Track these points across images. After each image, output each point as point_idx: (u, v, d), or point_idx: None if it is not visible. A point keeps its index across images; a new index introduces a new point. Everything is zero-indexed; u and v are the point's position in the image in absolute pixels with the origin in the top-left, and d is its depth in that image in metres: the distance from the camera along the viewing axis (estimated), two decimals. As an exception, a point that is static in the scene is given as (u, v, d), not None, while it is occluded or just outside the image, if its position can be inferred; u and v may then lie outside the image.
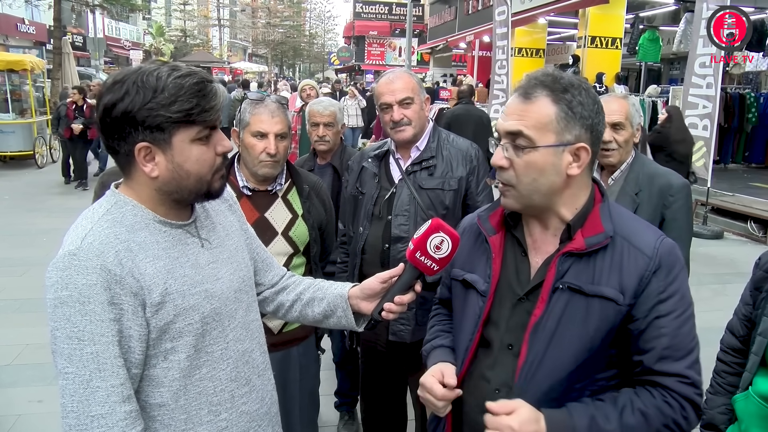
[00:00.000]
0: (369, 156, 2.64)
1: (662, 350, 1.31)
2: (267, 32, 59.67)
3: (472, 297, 1.48)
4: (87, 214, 1.30)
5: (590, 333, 1.32)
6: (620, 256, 1.34)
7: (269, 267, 1.68)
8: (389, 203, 2.51)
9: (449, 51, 26.57)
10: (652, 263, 1.32)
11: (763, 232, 7.91)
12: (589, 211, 1.39)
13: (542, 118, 1.32)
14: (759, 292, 1.81)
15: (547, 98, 1.32)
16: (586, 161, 1.35)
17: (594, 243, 1.34)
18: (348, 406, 3.60)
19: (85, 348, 1.16)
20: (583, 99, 1.34)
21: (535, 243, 1.43)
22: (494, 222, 1.49)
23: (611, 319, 1.32)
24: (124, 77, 1.24)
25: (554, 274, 1.34)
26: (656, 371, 1.32)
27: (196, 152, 1.28)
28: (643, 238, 1.36)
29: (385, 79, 2.52)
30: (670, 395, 1.31)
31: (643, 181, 2.49)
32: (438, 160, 2.51)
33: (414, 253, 1.40)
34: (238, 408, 1.41)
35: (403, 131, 2.46)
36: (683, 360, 1.32)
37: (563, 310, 1.33)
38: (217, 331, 1.36)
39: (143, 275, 1.23)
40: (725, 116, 11.12)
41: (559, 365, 1.33)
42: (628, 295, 1.31)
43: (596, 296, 1.32)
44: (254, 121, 2.22)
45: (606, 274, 1.33)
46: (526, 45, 16.47)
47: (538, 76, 1.36)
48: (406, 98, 2.44)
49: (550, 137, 1.32)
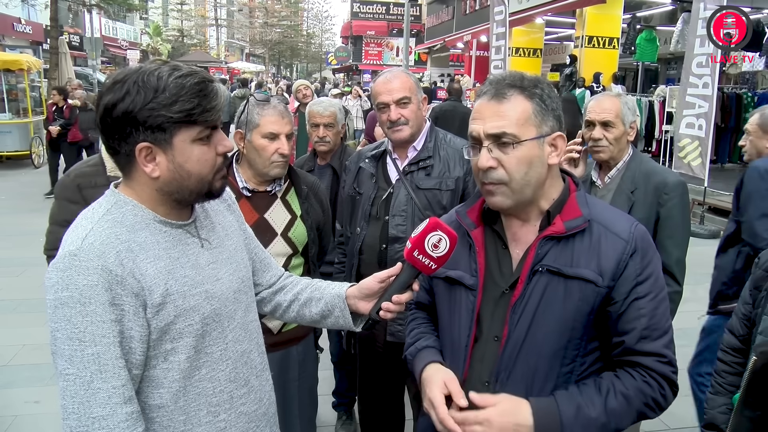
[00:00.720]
0: (366, 156, 2.64)
1: (642, 330, 1.37)
2: (264, 32, 59.63)
3: (460, 293, 1.49)
4: (87, 214, 1.29)
5: (570, 314, 1.37)
6: (598, 241, 1.39)
7: (267, 267, 1.68)
8: (386, 203, 2.51)
9: (447, 51, 26.59)
10: (629, 246, 1.38)
11: (760, 232, 7.91)
12: (566, 198, 1.46)
13: (521, 114, 1.38)
14: (759, 291, 1.81)
15: (520, 95, 1.39)
16: (563, 148, 1.44)
17: (573, 226, 1.40)
18: (346, 406, 3.60)
19: (86, 349, 1.16)
20: (550, 92, 1.43)
21: (514, 236, 1.48)
22: (473, 217, 1.53)
23: (590, 301, 1.37)
24: (125, 77, 1.23)
25: (533, 257, 1.39)
26: (636, 350, 1.37)
27: (197, 152, 1.28)
28: (619, 224, 1.42)
29: (382, 79, 2.52)
30: (648, 375, 1.37)
31: (639, 179, 2.49)
32: (435, 160, 2.51)
33: (412, 252, 1.40)
34: (236, 409, 1.41)
35: (400, 131, 2.46)
36: (660, 339, 1.39)
37: (543, 292, 1.37)
38: (217, 331, 1.36)
39: (144, 276, 1.22)
40: (722, 116, 11.14)
41: (541, 347, 1.37)
42: (606, 278, 1.36)
43: (575, 278, 1.37)
44: (265, 123, 2.22)
45: (585, 257, 1.38)
46: (523, 45, 16.50)
47: (505, 77, 1.43)
48: (403, 98, 2.44)
49: (531, 131, 1.39)
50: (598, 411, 1.32)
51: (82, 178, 2.57)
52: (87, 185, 2.54)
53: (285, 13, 60.39)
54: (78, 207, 2.56)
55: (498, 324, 1.43)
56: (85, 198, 2.51)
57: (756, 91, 12.43)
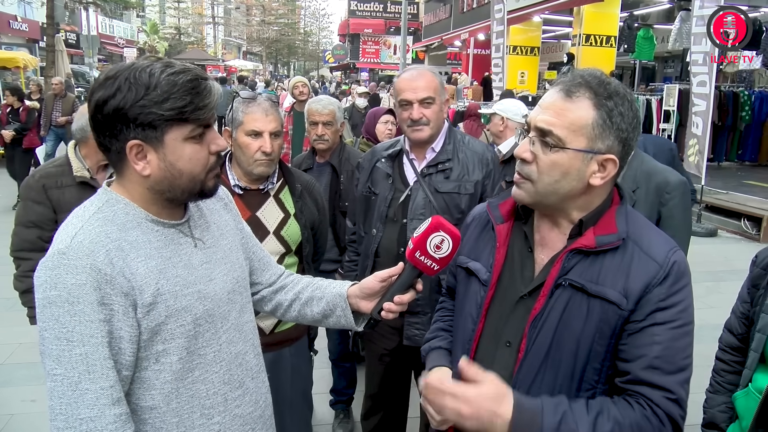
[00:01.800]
0: (382, 156, 2.58)
1: (653, 359, 1.24)
2: (261, 30, 59.52)
3: (474, 286, 1.46)
4: (78, 212, 1.27)
5: (590, 335, 1.28)
6: (630, 261, 1.29)
7: (267, 266, 1.66)
8: (404, 206, 2.46)
9: (444, 49, 26.58)
10: (661, 271, 1.27)
11: (757, 230, 7.93)
12: (605, 210, 1.35)
13: (578, 120, 1.27)
14: (756, 289, 1.81)
15: (588, 101, 1.27)
16: (612, 174, 1.30)
17: (605, 242, 1.29)
18: (343, 404, 3.59)
19: (74, 349, 1.14)
20: (624, 110, 1.28)
21: (542, 240, 1.40)
22: (504, 210, 1.46)
23: (612, 323, 1.27)
24: (117, 73, 1.21)
25: (559, 269, 1.31)
26: (643, 381, 1.24)
27: (189, 151, 1.25)
28: (656, 246, 1.31)
29: (408, 75, 2.45)
30: (651, 409, 1.22)
31: (641, 179, 2.48)
32: (454, 162, 2.46)
33: (413, 252, 1.38)
34: (231, 411, 1.39)
35: (420, 131, 2.41)
36: (674, 375, 1.24)
37: (564, 308, 1.29)
38: (210, 333, 1.34)
39: (134, 275, 1.21)
40: (719, 114, 11.15)
41: (559, 366, 1.29)
42: (631, 301, 1.26)
43: (598, 297, 1.27)
44: (248, 120, 2.19)
45: (611, 275, 1.28)
46: (520, 43, 16.46)
47: (584, 75, 1.30)
48: (427, 98, 2.39)
49: (581, 141, 1.27)
50: (583, 428, 1.19)
51: (48, 179, 2.57)
52: (52, 186, 2.56)
53: (282, 11, 60.27)
54: (43, 207, 2.59)
55: (513, 330, 1.37)
56: (51, 198, 2.55)
57: (753, 89, 12.44)
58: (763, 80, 13.36)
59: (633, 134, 1.31)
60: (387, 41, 35.51)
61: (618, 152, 1.30)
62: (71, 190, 2.57)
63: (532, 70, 16.61)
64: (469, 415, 1.20)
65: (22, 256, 2.63)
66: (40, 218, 2.57)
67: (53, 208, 2.57)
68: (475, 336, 1.42)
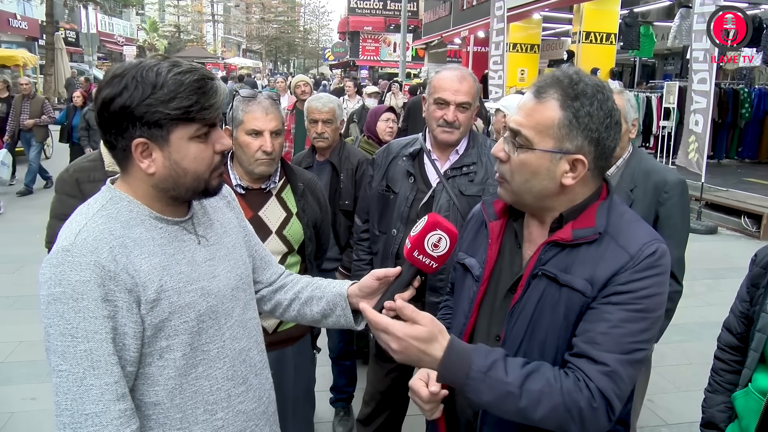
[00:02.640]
0: (403, 154, 2.55)
1: (597, 334, 1.23)
2: (261, 28, 59.48)
3: (468, 281, 1.49)
4: (82, 209, 1.28)
5: (560, 323, 1.30)
6: (603, 252, 1.29)
7: (268, 265, 1.66)
8: (426, 207, 2.43)
9: (444, 47, 26.54)
10: (631, 262, 1.26)
11: (757, 227, 7.94)
12: (587, 205, 1.36)
13: (544, 120, 1.29)
14: (756, 288, 1.81)
15: (555, 101, 1.28)
16: (582, 173, 1.31)
17: (580, 236, 1.31)
18: (344, 402, 3.59)
19: (79, 345, 1.15)
20: (593, 110, 1.28)
21: (530, 235, 1.43)
22: (497, 208, 1.49)
23: (576, 311, 1.28)
24: (124, 71, 1.22)
25: (535, 260, 1.34)
26: (582, 353, 1.23)
27: (194, 150, 1.26)
28: (633, 239, 1.30)
29: (449, 75, 2.41)
30: (584, 380, 1.21)
31: (639, 177, 2.47)
32: (478, 166, 2.46)
33: (412, 252, 1.37)
34: (234, 407, 1.39)
35: (451, 133, 2.40)
36: (614, 354, 1.21)
37: (539, 298, 1.32)
38: (214, 329, 1.35)
39: (138, 272, 1.21)
40: (719, 112, 11.15)
41: (533, 356, 1.31)
42: (595, 288, 1.26)
43: (566, 286, 1.29)
44: (248, 119, 2.18)
45: (582, 266, 1.29)
46: (520, 40, 16.46)
47: (558, 74, 1.31)
48: (465, 102, 2.38)
49: (548, 142, 1.29)
50: (512, 378, 1.20)
51: (81, 173, 2.62)
52: (85, 180, 2.60)
53: (282, 8, 60.27)
54: (76, 201, 2.63)
55: (500, 324, 1.40)
56: (83, 192, 2.57)
57: (753, 87, 12.43)
58: (763, 77, 13.35)
59: (607, 134, 1.30)
60: (387, 39, 35.48)
61: (589, 152, 1.30)
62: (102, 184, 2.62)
63: (532, 67, 16.61)
64: (398, 350, 1.24)
65: None
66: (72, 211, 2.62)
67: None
68: (467, 330, 1.45)
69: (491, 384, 1.20)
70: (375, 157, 2.74)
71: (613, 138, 1.32)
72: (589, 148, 1.29)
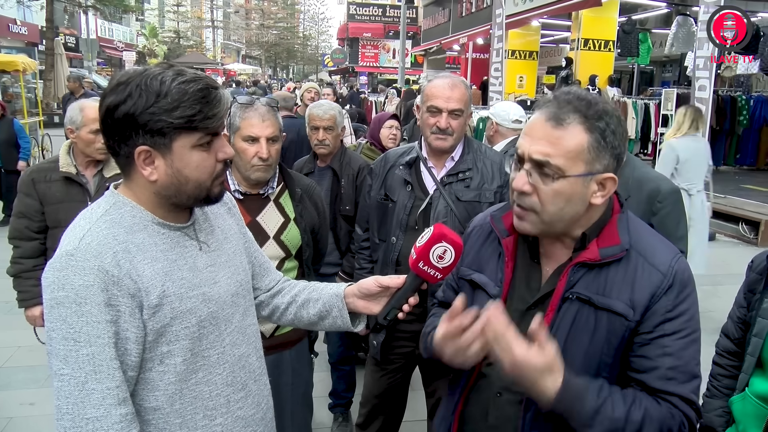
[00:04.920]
0: (400, 162, 2.58)
1: (666, 370, 1.27)
2: (260, 34, 59.59)
3: (482, 300, 1.44)
4: (85, 214, 1.29)
5: (598, 347, 1.30)
6: (634, 271, 1.30)
7: (266, 271, 1.67)
8: (425, 214, 2.47)
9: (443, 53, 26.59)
10: (665, 281, 1.29)
11: (755, 234, 7.95)
12: (606, 221, 1.36)
13: (574, 147, 1.26)
14: (753, 294, 1.82)
15: (580, 126, 1.26)
16: (612, 190, 1.32)
17: (608, 254, 1.30)
18: (342, 407, 3.59)
19: (81, 349, 1.15)
20: (615, 127, 1.28)
21: (547, 252, 1.41)
22: (508, 224, 1.45)
23: (619, 335, 1.29)
24: (129, 79, 1.23)
25: (565, 283, 1.31)
26: (659, 390, 1.28)
27: (196, 158, 1.27)
28: (660, 255, 1.32)
29: (442, 83, 2.45)
30: (676, 408, 1.28)
31: (633, 187, 2.43)
32: (474, 171, 2.49)
33: (417, 262, 1.39)
34: (233, 413, 1.40)
35: (444, 140, 2.43)
36: (688, 384, 1.29)
37: (572, 322, 1.30)
38: (214, 335, 1.35)
39: (141, 277, 1.22)
40: (717, 118, 11.19)
41: None
42: (638, 312, 1.28)
43: (605, 309, 1.29)
44: (245, 126, 2.19)
45: (617, 287, 1.29)
46: (519, 47, 16.51)
47: (570, 99, 1.29)
48: (458, 109, 2.42)
49: (580, 167, 1.27)
50: (618, 414, 1.24)
51: (38, 173, 2.88)
52: (41, 179, 2.86)
53: (281, 14, 60.37)
54: (31, 200, 2.86)
55: None
56: (38, 192, 2.86)
57: (750, 94, 12.48)
58: (760, 85, 13.41)
59: (624, 147, 1.32)
60: (386, 45, 35.55)
61: (614, 168, 1.31)
62: (57, 185, 2.85)
63: (531, 74, 16.65)
64: (511, 370, 1.21)
65: (15, 243, 2.93)
66: (28, 209, 2.85)
67: (40, 200, 2.84)
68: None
69: (601, 420, 1.23)
70: (373, 166, 2.77)
71: (626, 149, 1.34)
72: (613, 164, 1.30)
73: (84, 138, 2.84)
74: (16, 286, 2.97)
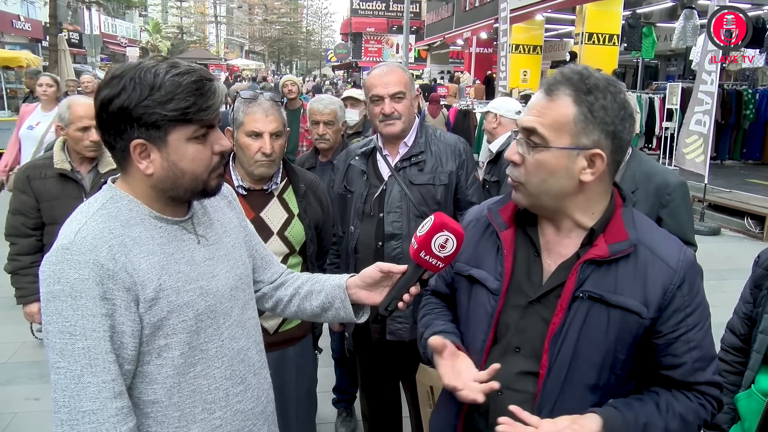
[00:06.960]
0: (356, 153, 2.61)
1: (694, 363, 1.32)
2: (264, 29, 59.57)
3: (482, 295, 1.42)
4: (82, 208, 1.29)
5: (612, 345, 1.29)
6: (644, 267, 1.29)
7: (269, 264, 1.66)
8: (380, 200, 2.50)
9: (446, 48, 26.57)
10: (676, 276, 1.30)
11: (760, 229, 7.92)
12: (611, 216, 1.34)
13: (560, 117, 1.26)
14: (759, 290, 1.80)
15: (568, 98, 1.26)
16: (601, 169, 1.28)
17: (618, 250, 1.29)
18: (346, 402, 3.59)
19: (77, 343, 1.15)
20: (607, 103, 1.26)
21: (548, 244, 1.38)
22: (506, 217, 1.43)
23: (633, 332, 1.29)
24: (123, 72, 1.22)
25: (575, 281, 1.29)
26: (690, 382, 1.33)
27: (191, 151, 1.26)
28: (667, 249, 1.33)
29: (378, 72, 2.49)
30: (704, 398, 1.34)
31: (640, 179, 2.44)
32: (427, 155, 2.50)
33: (418, 252, 1.37)
34: (232, 406, 1.40)
35: (392, 125, 2.45)
36: (710, 367, 1.35)
37: (584, 320, 1.29)
38: (212, 328, 1.35)
39: (137, 270, 1.22)
40: (722, 113, 11.13)
41: (583, 378, 1.30)
42: (652, 309, 1.28)
43: (618, 307, 1.28)
44: (248, 121, 2.17)
45: (629, 283, 1.29)
46: (523, 42, 16.48)
47: (566, 72, 1.30)
48: (398, 92, 2.43)
49: (565, 139, 1.26)
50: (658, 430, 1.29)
51: (32, 170, 2.89)
52: (35, 176, 2.86)
53: (284, 10, 60.29)
54: (26, 196, 2.87)
55: (522, 336, 1.36)
56: (33, 189, 2.87)
57: (756, 87, 12.41)
58: (766, 78, 13.33)
59: (622, 126, 1.28)
60: (389, 40, 35.50)
61: (607, 146, 1.28)
62: (52, 181, 2.86)
63: (535, 68, 16.62)
64: None
65: (11, 240, 2.93)
66: (23, 206, 2.87)
67: (35, 197, 2.86)
68: (486, 346, 1.40)
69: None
70: (335, 161, 2.79)
71: (629, 131, 1.31)
72: (606, 142, 1.27)
73: (72, 135, 2.83)
74: (14, 282, 2.96)
